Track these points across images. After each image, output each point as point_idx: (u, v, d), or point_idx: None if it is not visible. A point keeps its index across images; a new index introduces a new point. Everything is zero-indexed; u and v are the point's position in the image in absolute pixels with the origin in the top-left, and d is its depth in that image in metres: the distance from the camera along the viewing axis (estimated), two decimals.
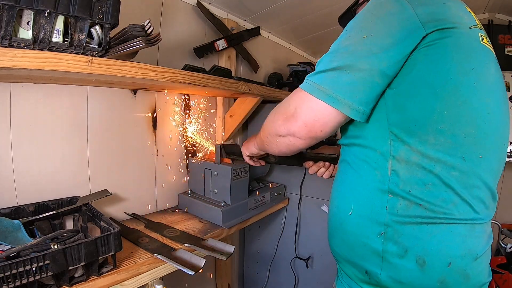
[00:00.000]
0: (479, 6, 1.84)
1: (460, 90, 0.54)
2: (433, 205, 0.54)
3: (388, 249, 0.57)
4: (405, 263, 0.55)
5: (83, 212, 0.85)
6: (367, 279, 0.61)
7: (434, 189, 0.54)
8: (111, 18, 0.64)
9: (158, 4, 1.15)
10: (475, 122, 0.55)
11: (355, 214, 0.62)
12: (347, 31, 0.59)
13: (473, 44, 0.57)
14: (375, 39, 0.54)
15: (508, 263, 1.55)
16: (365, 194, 0.61)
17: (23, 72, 0.62)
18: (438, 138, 0.54)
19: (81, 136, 0.96)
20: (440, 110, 0.53)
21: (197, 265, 0.77)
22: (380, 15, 0.56)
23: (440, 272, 0.54)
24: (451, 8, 0.56)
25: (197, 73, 0.90)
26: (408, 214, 0.55)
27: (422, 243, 0.54)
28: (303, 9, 1.55)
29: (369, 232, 0.59)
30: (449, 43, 0.54)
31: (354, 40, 0.56)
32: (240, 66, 1.64)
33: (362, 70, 0.54)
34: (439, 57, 0.53)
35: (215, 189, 1.15)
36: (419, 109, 0.55)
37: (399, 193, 0.56)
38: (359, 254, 0.62)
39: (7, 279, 0.53)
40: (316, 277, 1.48)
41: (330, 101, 0.55)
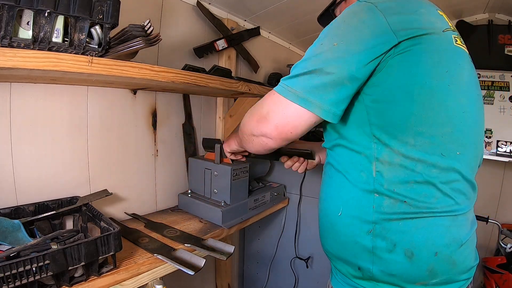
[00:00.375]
0: (479, 6, 1.84)
1: (435, 93, 0.57)
2: (416, 201, 0.58)
3: (378, 245, 0.60)
4: (395, 257, 0.59)
5: (83, 212, 0.85)
6: (360, 275, 0.64)
7: (417, 186, 0.58)
8: (111, 18, 0.64)
9: (158, 4, 1.15)
10: (451, 122, 0.59)
11: (344, 214, 0.65)
12: (320, 39, 0.62)
13: (447, 47, 0.60)
14: (345, 45, 0.57)
15: (508, 263, 1.55)
16: (353, 195, 0.64)
17: (23, 72, 0.62)
18: (418, 139, 0.57)
19: (81, 136, 0.96)
20: (418, 114, 0.57)
21: (197, 265, 0.77)
22: (352, 23, 0.59)
23: (428, 261, 0.57)
24: (423, 14, 0.59)
25: (197, 73, 0.90)
26: (394, 211, 0.59)
27: (409, 236, 0.58)
28: (303, 9, 1.55)
29: (358, 231, 0.62)
30: (422, 49, 0.57)
31: (326, 47, 0.59)
32: (240, 66, 1.64)
33: (331, 73, 0.57)
34: (413, 63, 0.56)
35: (215, 189, 1.15)
36: (397, 113, 0.58)
37: (384, 192, 0.59)
38: (351, 252, 0.65)
39: (7, 279, 0.53)
40: (316, 277, 1.48)
41: (302, 102, 0.58)
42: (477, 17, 1.94)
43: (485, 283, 1.67)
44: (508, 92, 1.80)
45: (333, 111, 0.58)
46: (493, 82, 1.83)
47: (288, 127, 0.62)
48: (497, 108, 1.80)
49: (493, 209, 1.86)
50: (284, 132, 0.62)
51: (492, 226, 1.70)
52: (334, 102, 0.58)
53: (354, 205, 0.63)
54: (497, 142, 1.78)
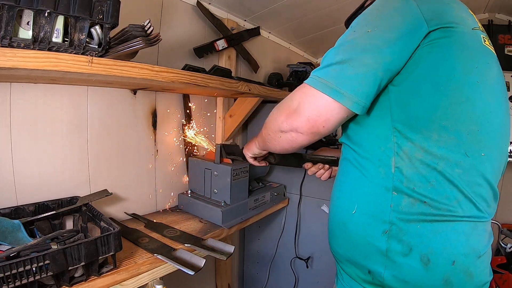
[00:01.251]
0: (479, 6, 1.84)
1: (463, 88, 0.54)
2: (437, 202, 0.54)
3: (392, 248, 0.57)
4: (410, 262, 0.55)
5: (83, 212, 0.85)
6: (370, 279, 0.61)
7: (438, 186, 0.54)
8: (111, 18, 0.64)
9: (158, 4, 1.15)
10: (478, 120, 0.55)
11: (358, 212, 0.62)
12: (352, 27, 0.59)
13: (476, 44, 0.58)
14: (379, 33, 0.55)
15: (508, 263, 1.55)
16: (369, 192, 0.60)
17: (23, 72, 0.61)
18: (442, 134, 0.54)
19: (81, 136, 0.96)
20: (444, 107, 0.54)
21: (197, 265, 0.77)
22: (385, 10, 0.57)
23: (445, 270, 0.54)
24: (455, 8, 0.58)
25: (197, 73, 0.90)
26: (412, 212, 0.55)
27: (427, 241, 0.54)
28: (303, 9, 1.55)
29: (373, 231, 0.59)
30: (453, 42, 0.54)
31: (359, 34, 0.57)
32: (240, 66, 1.64)
33: (365, 64, 0.54)
34: (443, 55, 0.54)
35: (215, 189, 1.15)
36: (423, 106, 0.55)
37: (403, 190, 0.56)
38: (362, 254, 0.61)
39: (7, 279, 0.53)
40: (316, 277, 1.48)
41: (333, 94, 0.55)
42: (477, 17, 1.94)
43: None
44: (509, 92, 1.79)
45: (363, 103, 0.55)
46: None
47: (321, 120, 0.58)
48: None
49: None
50: (316, 126, 0.59)
51: (492, 226, 1.69)
52: (366, 94, 0.55)
53: (370, 202, 0.60)
54: None
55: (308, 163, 0.99)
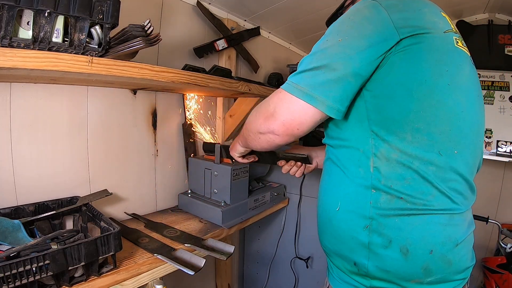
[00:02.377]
0: (479, 6, 1.84)
1: (434, 91, 0.58)
2: (413, 198, 0.58)
3: (374, 241, 0.61)
4: (390, 253, 0.59)
5: (83, 212, 0.85)
6: (356, 270, 0.65)
7: (414, 183, 0.58)
8: (111, 18, 0.64)
9: (158, 4, 1.15)
10: (450, 120, 0.59)
11: (342, 209, 0.66)
12: (326, 35, 0.63)
13: (447, 47, 0.61)
14: (349, 41, 0.58)
15: (508, 263, 1.55)
16: (350, 190, 0.65)
17: (23, 72, 0.62)
18: (415, 136, 0.58)
19: (81, 136, 0.96)
20: (416, 110, 0.58)
21: (197, 265, 0.77)
22: (356, 19, 0.60)
23: (423, 259, 0.58)
24: (426, 14, 0.60)
25: (197, 73, 0.90)
26: (390, 207, 0.59)
27: (405, 233, 0.59)
28: (303, 9, 1.55)
29: (355, 226, 0.63)
30: (423, 48, 0.58)
31: (331, 43, 0.60)
32: (240, 66, 1.64)
33: (336, 70, 0.57)
34: (414, 61, 0.57)
35: (215, 189, 1.15)
36: (396, 109, 0.59)
37: (381, 188, 0.60)
38: (347, 247, 0.65)
39: (7, 279, 0.53)
40: (316, 277, 1.48)
41: (307, 99, 0.59)
42: (477, 17, 1.94)
43: (485, 283, 1.67)
44: (508, 92, 1.79)
45: (337, 107, 0.59)
46: (493, 82, 1.83)
47: (295, 123, 0.62)
48: (497, 108, 1.80)
49: (493, 209, 1.85)
50: (290, 129, 0.63)
51: (492, 226, 1.69)
52: (338, 98, 0.59)
53: (351, 200, 0.64)
54: (497, 142, 1.78)
55: (281, 161, 1.03)
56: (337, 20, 0.64)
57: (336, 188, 0.69)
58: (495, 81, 1.82)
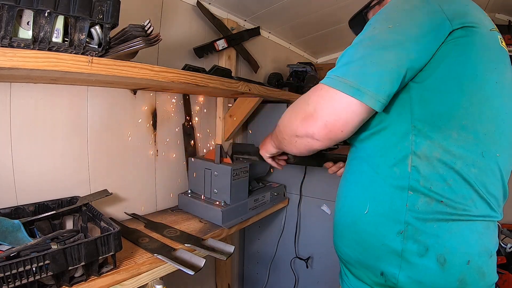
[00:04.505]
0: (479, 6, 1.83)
1: (484, 87, 0.54)
2: (453, 202, 0.53)
3: (408, 248, 0.55)
4: (426, 262, 0.54)
5: (83, 212, 0.85)
6: (382, 281, 0.59)
7: (455, 186, 0.53)
8: (111, 18, 0.64)
9: (158, 4, 1.15)
10: (495, 121, 0.55)
11: (371, 212, 0.60)
12: (370, 24, 0.57)
13: (495, 45, 0.58)
14: (402, 28, 0.52)
15: (508, 263, 1.55)
16: (383, 192, 0.58)
17: (23, 72, 0.61)
18: (461, 133, 0.53)
19: (81, 136, 0.96)
20: (465, 106, 0.53)
21: (197, 265, 0.77)
22: (406, 7, 0.55)
23: (460, 270, 0.53)
24: (473, 9, 0.57)
25: (197, 73, 0.90)
26: (429, 211, 0.54)
27: (443, 241, 0.53)
28: (303, 9, 1.55)
29: (387, 231, 0.57)
30: (474, 41, 0.54)
31: (379, 30, 0.54)
32: (240, 66, 1.64)
33: (389, 61, 0.52)
34: (466, 53, 0.53)
35: (215, 189, 1.15)
36: (445, 103, 0.54)
37: (420, 189, 0.55)
38: (374, 255, 0.60)
39: (7, 279, 0.53)
40: (316, 277, 1.48)
41: (356, 93, 0.52)
42: None
43: None
44: None
45: (385, 101, 0.53)
46: None
47: (339, 124, 0.55)
48: None
49: None
50: (333, 131, 0.56)
51: None
52: (389, 92, 0.52)
53: (384, 202, 0.58)
54: None
55: (329, 163, 0.97)
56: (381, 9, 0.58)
57: (364, 189, 0.62)
58: None
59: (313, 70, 1.84)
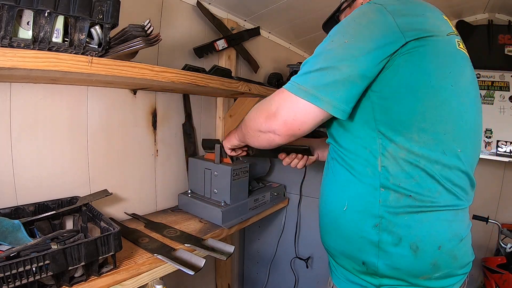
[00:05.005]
0: (479, 6, 1.84)
1: (439, 92, 0.60)
2: (421, 195, 0.60)
3: (384, 239, 0.62)
4: (400, 251, 0.60)
5: (83, 212, 0.85)
6: (364, 270, 0.65)
7: (421, 181, 0.60)
8: (111, 18, 0.64)
9: (158, 4, 1.15)
10: (453, 121, 0.61)
11: (350, 209, 0.66)
12: (330, 36, 0.63)
13: (450, 50, 0.63)
14: (356, 43, 0.59)
15: (508, 263, 1.55)
16: (359, 190, 0.65)
17: (23, 72, 0.62)
18: (421, 136, 0.59)
19: (81, 136, 0.96)
20: (422, 111, 0.59)
21: (197, 265, 0.77)
22: (362, 22, 0.61)
23: (432, 255, 0.60)
24: (429, 18, 0.62)
25: (197, 73, 0.90)
26: (399, 205, 0.61)
27: (415, 230, 0.60)
28: (303, 9, 1.55)
29: (364, 225, 0.64)
30: (428, 51, 0.59)
31: (337, 44, 0.61)
32: (240, 66, 1.64)
33: (343, 72, 0.58)
34: (419, 63, 0.59)
35: (215, 189, 1.15)
36: (403, 110, 0.60)
37: (390, 186, 0.61)
38: (355, 247, 0.66)
39: (7, 279, 0.53)
40: (316, 277, 1.48)
41: (312, 99, 0.59)
42: (477, 17, 1.94)
43: (485, 283, 1.67)
44: (508, 92, 1.79)
45: (343, 108, 0.60)
46: (493, 82, 1.83)
47: (297, 123, 0.63)
48: (497, 108, 1.80)
49: (493, 209, 1.85)
50: (292, 129, 0.64)
51: (492, 226, 1.69)
52: (344, 99, 0.59)
53: (360, 200, 0.65)
54: (497, 142, 1.78)
55: (282, 154, 1.03)
56: (341, 21, 0.65)
57: (342, 188, 0.69)
58: (495, 81, 1.82)
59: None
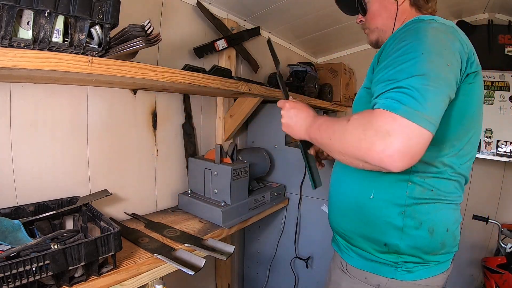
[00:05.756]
0: (479, 6, 1.84)
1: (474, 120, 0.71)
2: (439, 191, 0.71)
3: (407, 224, 0.71)
4: (420, 233, 0.71)
5: (83, 212, 0.85)
6: (386, 250, 0.74)
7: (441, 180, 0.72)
8: (111, 18, 0.64)
9: (158, 4, 1.15)
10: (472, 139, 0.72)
11: (376, 198, 0.74)
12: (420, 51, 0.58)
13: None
14: (455, 69, 0.62)
15: (508, 263, 1.55)
16: (387, 183, 0.73)
17: (23, 72, 0.62)
18: (450, 150, 0.70)
19: (81, 136, 0.96)
20: (458, 133, 0.69)
21: (197, 265, 0.77)
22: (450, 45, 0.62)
23: (442, 236, 0.72)
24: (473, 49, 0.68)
25: (197, 73, 0.90)
26: (423, 197, 0.71)
27: (432, 216, 0.71)
28: (303, 9, 1.56)
29: (390, 212, 0.72)
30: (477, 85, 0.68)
31: (441, 68, 0.58)
32: (240, 66, 1.64)
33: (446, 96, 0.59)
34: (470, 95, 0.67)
35: (215, 189, 1.15)
36: (445, 129, 0.67)
37: (417, 182, 0.70)
38: (379, 230, 0.74)
39: (7, 279, 0.53)
40: (316, 277, 1.48)
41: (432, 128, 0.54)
42: (477, 17, 1.94)
43: (485, 283, 1.67)
44: (508, 92, 1.79)
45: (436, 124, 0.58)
46: (493, 82, 1.83)
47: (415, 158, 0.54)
48: (497, 108, 1.80)
49: (493, 209, 1.85)
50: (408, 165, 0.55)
51: (492, 226, 1.69)
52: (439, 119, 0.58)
53: (387, 190, 0.73)
54: (497, 142, 1.78)
55: None
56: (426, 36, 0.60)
57: (369, 180, 0.75)
58: (495, 81, 1.83)
59: (313, 70, 1.84)
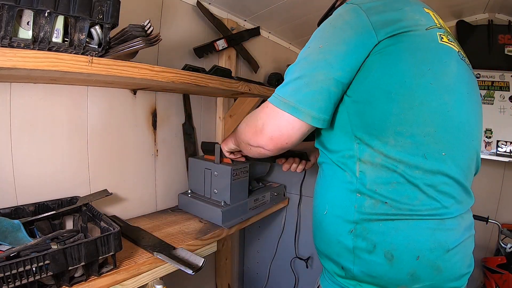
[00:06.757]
0: (479, 6, 1.84)
1: (415, 92, 0.56)
2: (398, 203, 0.57)
3: (358, 245, 0.60)
4: (374, 258, 0.58)
5: (83, 212, 0.85)
6: (343, 274, 0.64)
7: (399, 187, 0.56)
8: (111, 18, 0.64)
9: (158, 4, 1.15)
10: (434, 121, 0.56)
11: (329, 213, 0.66)
12: (308, 42, 0.63)
13: (430, 44, 0.59)
14: (330, 48, 0.58)
15: (508, 263, 1.55)
16: (337, 195, 0.65)
17: (23, 72, 0.61)
18: (398, 139, 0.56)
19: (81, 136, 0.96)
20: (397, 113, 0.56)
21: (196, 264, 0.77)
22: (337, 24, 0.60)
23: (409, 265, 0.56)
24: (407, 12, 0.59)
25: (197, 73, 0.90)
26: (374, 212, 0.58)
27: (389, 238, 0.57)
28: (303, 9, 1.55)
29: (341, 230, 0.63)
30: (402, 48, 0.56)
31: (312, 50, 0.60)
32: (240, 66, 1.64)
33: (319, 80, 0.57)
34: (392, 62, 0.56)
35: (215, 189, 1.15)
36: (376, 114, 0.58)
37: (366, 192, 0.59)
38: (335, 251, 0.65)
39: (7, 279, 0.53)
40: (316, 277, 1.48)
41: (293, 111, 0.59)
42: (477, 17, 1.94)
43: (485, 283, 1.67)
44: (508, 92, 1.80)
45: (323, 117, 0.59)
46: (493, 82, 1.83)
47: (283, 138, 0.62)
48: (497, 108, 1.80)
49: (493, 209, 1.85)
50: (279, 143, 0.63)
51: (492, 226, 1.69)
52: (323, 108, 0.59)
53: (337, 204, 0.64)
54: (497, 142, 1.78)
55: (281, 159, 1.05)
56: (320, 26, 0.64)
57: (324, 192, 0.69)
58: (495, 81, 1.83)
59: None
